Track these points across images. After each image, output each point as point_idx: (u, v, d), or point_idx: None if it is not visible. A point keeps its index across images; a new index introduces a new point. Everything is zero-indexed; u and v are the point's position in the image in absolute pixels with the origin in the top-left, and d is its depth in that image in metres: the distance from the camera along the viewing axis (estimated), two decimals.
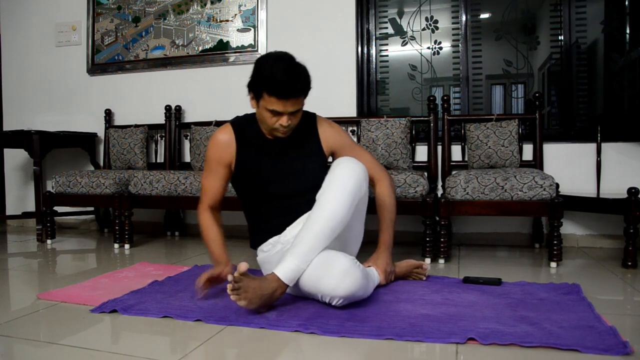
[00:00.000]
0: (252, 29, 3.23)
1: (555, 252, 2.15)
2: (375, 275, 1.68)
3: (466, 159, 2.74)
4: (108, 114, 3.48)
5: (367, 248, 1.88)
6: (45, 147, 3.13)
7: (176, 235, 3.25)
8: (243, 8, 3.25)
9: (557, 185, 2.37)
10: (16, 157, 3.78)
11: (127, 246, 2.69)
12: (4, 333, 1.34)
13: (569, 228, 2.69)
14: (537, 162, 2.66)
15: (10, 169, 3.84)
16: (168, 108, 3.30)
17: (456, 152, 2.85)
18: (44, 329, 1.39)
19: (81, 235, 3.32)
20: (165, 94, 3.40)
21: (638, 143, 2.62)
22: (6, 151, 3.80)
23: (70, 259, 2.54)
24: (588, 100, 2.89)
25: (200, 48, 3.34)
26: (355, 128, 2.92)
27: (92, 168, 3.52)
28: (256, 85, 1.60)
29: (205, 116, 3.27)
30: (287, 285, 1.47)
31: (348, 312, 1.44)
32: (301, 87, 1.59)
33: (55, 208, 2.92)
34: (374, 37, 3.17)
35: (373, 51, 3.16)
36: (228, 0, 3.28)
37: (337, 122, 2.02)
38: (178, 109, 3.32)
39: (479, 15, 3.02)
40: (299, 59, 1.62)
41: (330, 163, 1.85)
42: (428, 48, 3.11)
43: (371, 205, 1.92)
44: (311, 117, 1.84)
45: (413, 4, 3.13)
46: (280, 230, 1.73)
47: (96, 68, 3.59)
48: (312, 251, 1.48)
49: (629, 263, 2.12)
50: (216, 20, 3.31)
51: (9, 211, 3.82)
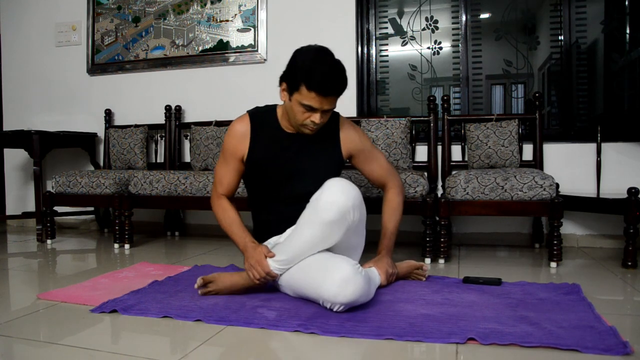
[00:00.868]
0: (252, 29, 3.23)
1: (555, 252, 2.15)
2: (376, 276, 1.68)
3: (466, 159, 2.74)
4: (108, 114, 3.48)
5: (369, 248, 1.87)
6: (45, 147, 3.13)
7: (176, 235, 3.25)
8: (243, 8, 3.25)
9: (557, 185, 2.37)
10: (16, 157, 3.78)
11: (127, 246, 2.69)
12: (4, 333, 1.34)
13: (569, 228, 2.69)
14: (537, 162, 2.66)
15: (10, 169, 3.84)
16: (168, 108, 3.30)
17: (456, 152, 2.85)
18: (44, 329, 1.39)
19: (81, 235, 3.32)
20: (165, 94, 3.40)
21: (638, 143, 2.62)
22: (6, 151, 3.80)
23: (70, 259, 2.54)
24: (588, 100, 2.89)
25: (200, 48, 3.34)
26: None
27: (92, 168, 3.52)
28: (294, 77, 1.53)
29: (205, 116, 3.27)
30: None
31: (348, 313, 1.44)
32: (343, 86, 1.56)
33: (55, 208, 2.92)
34: (374, 37, 3.18)
35: (373, 51, 3.16)
36: (228, 0, 3.28)
37: None
38: (178, 109, 3.32)
39: (479, 15, 3.02)
40: None
41: (348, 163, 1.84)
42: (428, 48, 3.11)
43: (374, 205, 1.92)
44: (334, 116, 1.77)
45: (413, 4, 3.13)
46: (282, 229, 1.72)
47: (96, 68, 3.59)
48: (290, 262, 1.55)
49: (629, 263, 2.12)
50: (216, 20, 3.31)
51: (9, 211, 3.82)
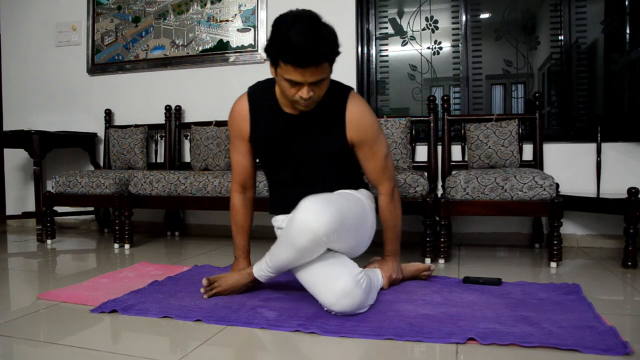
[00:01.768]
0: (252, 29, 3.23)
1: (555, 252, 2.15)
2: (379, 280, 1.66)
3: (466, 159, 2.74)
4: (108, 114, 3.48)
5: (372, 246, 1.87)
6: (45, 147, 3.13)
7: (176, 235, 3.25)
8: (243, 8, 3.25)
9: (557, 185, 2.37)
10: (16, 157, 3.78)
11: (127, 246, 2.69)
12: (4, 333, 1.34)
13: (569, 228, 2.69)
14: (537, 162, 2.66)
15: (10, 169, 3.84)
16: (168, 108, 3.30)
17: (456, 152, 2.84)
18: (44, 329, 1.39)
19: (81, 235, 3.32)
20: (165, 94, 3.40)
21: (638, 143, 2.62)
22: (6, 151, 3.80)
23: (70, 259, 2.54)
24: (588, 100, 2.88)
25: (200, 48, 3.34)
26: None
27: (92, 168, 3.52)
28: (272, 51, 1.39)
29: (205, 116, 3.27)
30: (262, 282, 1.63)
31: None
32: (322, 53, 1.35)
33: (55, 208, 2.92)
34: (374, 37, 3.17)
35: (373, 51, 3.16)
36: (228, 0, 3.28)
37: None
38: (178, 109, 3.32)
39: (479, 15, 3.02)
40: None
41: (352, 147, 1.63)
42: (428, 48, 3.11)
43: None
44: (344, 94, 1.59)
45: (413, 4, 3.13)
46: (288, 211, 1.62)
47: (96, 68, 3.59)
48: (276, 272, 1.57)
49: (629, 263, 2.11)
50: (216, 20, 3.31)
51: (9, 211, 3.82)
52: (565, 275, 2.02)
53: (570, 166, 2.71)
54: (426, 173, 2.73)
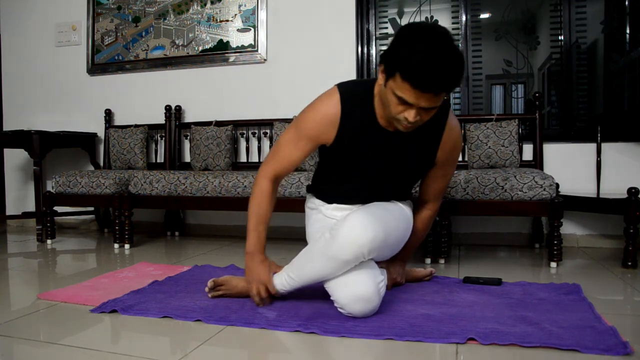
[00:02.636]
0: (252, 29, 3.23)
1: (555, 252, 2.15)
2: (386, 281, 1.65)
3: (466, 159, 2.74)
4: (108, 114, 3.48)
5: None
6: (45, 147, 3.13)
7: (176, 235, 3.25)
8: (243, 8, 3.25)
9: (557, 185, 2.37)
10: (16, 157, 3.78)
11: (127, 246, 2.69)
12: (4, 333, 1.34)
13: (569, 228, 2.69)
14: (537, 162, 2.66)
15: (10, 169, 3.84)
16: (168, 108, 3.30)
17: None
18: (44, 329, 1.39)
19: (81, 235, 3.32)
20: (165, 94, 3.40)
21: (638, 143, 2.62)
22: (6, 151, 3.80)
23: (70, 259, 2.54)
24: (588, 100, 2.88)
25: (200, 48, 3.34)
26: None
27: (92, 168, 3.52)
28: (393, 60, 1.24)
29: (205, 116, 3.27)
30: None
31: None
32: (448, 83, 1.22)
33: (55, 208, 2.92)
34: (374, 37, 3.17)
35: (373, 51, 3.16)
36: (228, 0, 3.28)
37: None
38: (178, 109, 3.32)
39: (479, 15, 3.02)
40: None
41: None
42: None
43: None
44: (444, 114, 1.47)
45: (413, 4, 3.13)
46: (343, 202, 1.58)
47: (96, 68, 3.59)
48: (297, 285, 1.50)
49: (629, 263, 2.11)
50: (216, 20, 3.31)
51: (9, 211, 3.82)
52: (565, 275, 2.02)
53: (570, 166, 2.71)
54: None
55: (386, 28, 3.17)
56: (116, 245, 2.71)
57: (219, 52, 3.30)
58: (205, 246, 2.79)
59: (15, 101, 3.81)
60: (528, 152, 2.73)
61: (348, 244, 1.34)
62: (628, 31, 2.67)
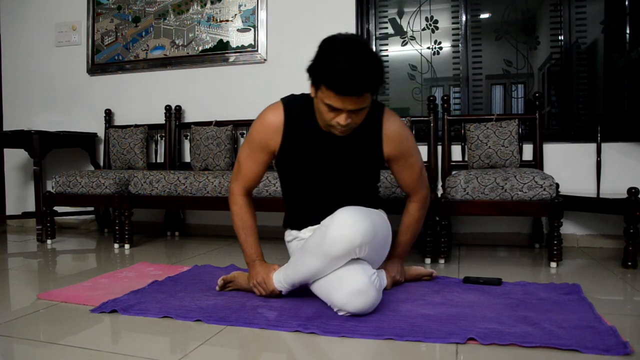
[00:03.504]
0: (252, 29, 3.23)
1: (555, 252, 2.15)
2: (384, 280, 1.66)
3: (466, 159, 2.74)
4: (108, 114, 3.48)
5: None
6: (45, 147, 3.13)
7: (176, 235, 3.25)
8: (243, 8, 3.25)
9: (557, 185, 2.37)
10: (16, 157, 3.78)
11: (127, 246, 2.69)
12: (4, 333, 1.34)
13: (569, 228, 2.69)
14: (537, 162, 2.66)
15: (10, 169, 3.84)
16: (168, 108, 3.30)
17: (456, 152, 2.84)
18: (44, 329, 1.39)
19: (81, 235, 3.32)
20: (165, 94, 3.40)
21: (638, 143, 2.62)
22: (6, 151, 3.80)
23: (70, 259, 2.54)
24: (588, 100, 2.88)
25: (200, 48, 3.34)
26: None
27: (92, 168, 3.52)
28: (315, 72, 1.38)
29: (205, 116, 3.27)
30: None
31: None
32: (367, 84, 1.33)
33: (55, 208, 2.92)
34: (374, 37, 3.17)
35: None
36: (228, 0, 3.29)
37: None
38: (178, 109, 3.32)
39: (479, 15, 3.02)
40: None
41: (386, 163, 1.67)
42: (428, 48, 3.11)
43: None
44: (378, 111, 1.58)
45: (413, 4, 3.13)
46: (318, 221, 1.59)
47: (96, 68, 3.59)
48: (295, 284, 1.55)
49: (629, 263, 2.11)
50: (216, 20, 3.31)
51: (9, 211, 3.82)
52: (565, 275, 2.02)
53: (570, 166, 2.71)
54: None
55: (386, 28, 3.17)
56: (116, 245, 2.71)
57: (219, 52, 3.30)
58: (205, 246, 2.79)
59: (15, 101, 3.81)
60: (528, 152, 2.73)
61: (339, 238, 1.38)
62: (628, 31, 2.67)
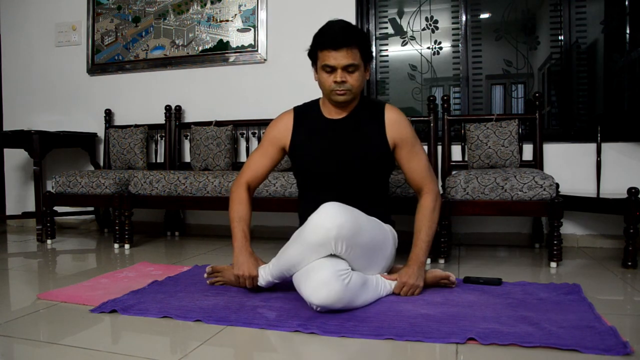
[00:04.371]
0: (252, 29, 3.23)
1: (555, 252, 2.15)
2: (384, 287, 1.61)
3: (466, 159, 2.74)
4: (108, 114, 3.48)
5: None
6: (45, 147, 3.13)
7: (176, 235, 3.25)
8: (243, 8, 3.25)
9: (557, 185, 2.37)
10: (16, 157, 3.78)
11: (127, 246, 2.69)
12: (4, 333, 1.34)
13: (569, 228, 2.69)
14: (537, 162, 2.66)
15: (10, 169, 3.84)
16: (168, 108, 3.30)
17: (456, 152, 2.84)
18: (44, 329, 1.39)
19: (81, 235, 3.32)
20: (165, 94, 3.40)
21: (638, 143, 2.62)
22: (6, 151, 3.80)
23: (70, 259, 2.54)
24: (588, 100, 2.89)
25: (200, 48, 3.34)
26: None
27: (92, 168, 3.52)
28: (312, 48, 1.63)
29: (205, 116, 3.27)
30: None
31: (348, 313, 1.44)
32: (353, 36, 1.56)
33: (55, 208, 2.92)
34: (374, 37, 3.18)
35: (373, 51, 3.16)
36: (228, 0, 3.28)
37: None
38: (178, 109, 3.32)
39: (479, 15, 3.02)
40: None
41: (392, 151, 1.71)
42: (428, 48, 3.11)
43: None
44: (380, 104, 1.76)
45: (413, 4, 3.13)
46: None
47: (96, 68, 3.59)
48: (278, 276, 1.61)
49: (629, 263, 2.11)
50: (216, 20, 3.31)
51: (9, 211, 3.82)
52: (565, 275, 2.02)
53: (570, 166, 2.71)
54: None
55: (386, 28, 3.17)
56: (116, 245, 2.71)
57: (219, 52, 3.30)
58: (205, 246, 2.79)
59: (15, 101, 3.81)
60: (528, 152, 2.73)
61: (317, 227, 1.44)
62: (628, 31, 2.67)
